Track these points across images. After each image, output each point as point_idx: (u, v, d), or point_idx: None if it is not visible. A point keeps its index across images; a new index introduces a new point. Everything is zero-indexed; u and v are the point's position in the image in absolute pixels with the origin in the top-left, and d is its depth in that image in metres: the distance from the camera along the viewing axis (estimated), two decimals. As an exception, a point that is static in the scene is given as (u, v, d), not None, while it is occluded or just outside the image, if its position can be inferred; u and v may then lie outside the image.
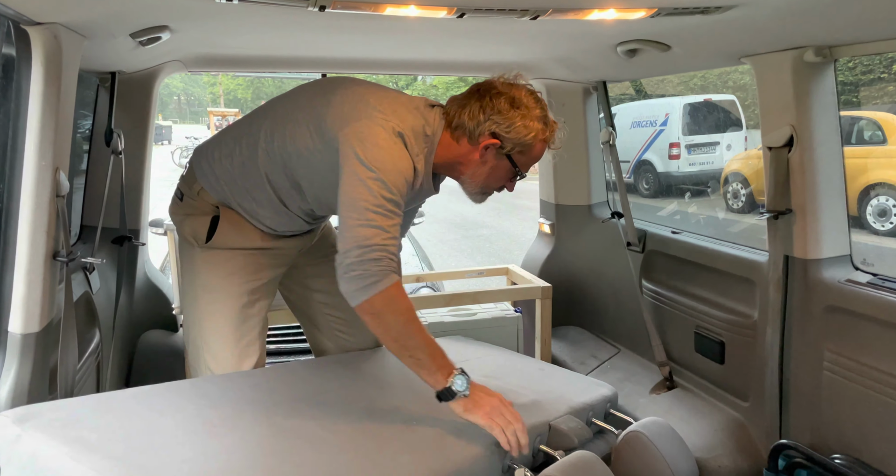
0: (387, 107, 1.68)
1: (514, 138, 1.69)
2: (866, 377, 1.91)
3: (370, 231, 1.53)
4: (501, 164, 1.74)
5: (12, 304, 1.55)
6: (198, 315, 1.91)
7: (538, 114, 1.70)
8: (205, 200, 1.89)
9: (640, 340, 2.94)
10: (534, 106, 1.70)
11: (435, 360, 1.58)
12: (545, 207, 3.59)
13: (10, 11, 1.38)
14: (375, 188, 1.55)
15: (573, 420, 1.85)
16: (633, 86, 12.00)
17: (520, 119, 1.67)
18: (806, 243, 2.07)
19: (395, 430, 1.62)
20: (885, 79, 9.67)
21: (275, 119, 1.79)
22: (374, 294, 1.52)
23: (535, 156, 1.76)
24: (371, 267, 1.52)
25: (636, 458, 1.85)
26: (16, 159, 1.55)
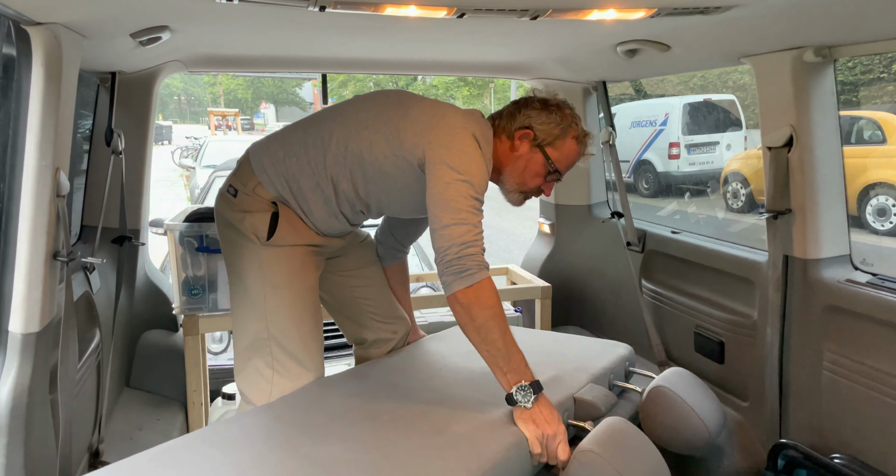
0: (460, 115, 1.82)
1: (545, 129, 1.84)
2: (866, 377, 1.92)
3: (464, 228, 1.67)
4: (535, 158, 1.86)
5: (12, 303, 1.55)
6: (265, 314, 1.91)
7: (569, 113, 1.88)
8: (261, 196, 1.91)
9: (640, 340, 2.94)
10: (565, 108, 1.89)
11: (509, 363, 1.65)
12: (545, 207, 3.59)
13: (10, 11, 1.38)
14: (464, 190, 1.69)
15: (596, 388, 1.90)
16: (633, 86, 12.00)
17: (550, 115, 1.85)
18: (805, 243, 2.07)
19: (425, 437, 1.60)
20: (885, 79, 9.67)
21: (347, 126, 1.88)
22: (468, 286, 1.64)
23: (569, 153, 1.88)
24: (468, 261, 1.65)
25: (664, 413, 1.93)
26: (16, 159, 1.55)
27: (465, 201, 1.68)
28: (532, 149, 1.86)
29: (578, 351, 2.22)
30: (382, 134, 1.82)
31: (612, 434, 1.63)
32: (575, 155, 1.90)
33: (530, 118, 1.85)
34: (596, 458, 1.55)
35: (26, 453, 1.53)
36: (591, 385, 1.92)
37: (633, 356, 2.22)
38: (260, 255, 1.91)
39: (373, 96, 1.96)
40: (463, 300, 1.65)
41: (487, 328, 1.65)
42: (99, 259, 2.10)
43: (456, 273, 1.65)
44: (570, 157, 1.89)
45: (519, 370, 1.65)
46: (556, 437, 1.62)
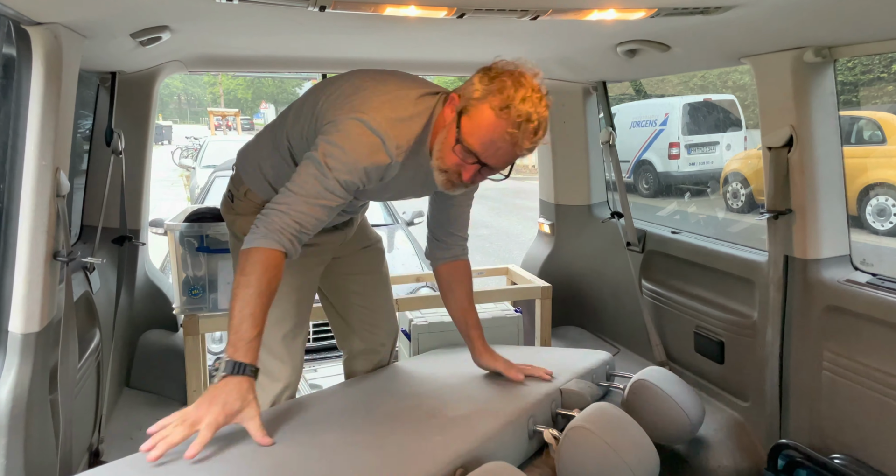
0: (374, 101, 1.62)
1: (467, 92, 1.56)
2: (866, 377, 1.92)
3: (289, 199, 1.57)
4: (451, 128, 1.59)
5: (12, 304, 1.55)
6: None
7: (507, 81, 1.52)
8: (252, 201, 1.93)
9: (640, 340, 2.94)
10: (506, 76, 1.54)
11: (236, 333, 1.51)
12: (545, 207, 3.59)
13: (11, 11, 1.38)
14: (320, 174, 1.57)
15: (581, 382, 1.96)
16: (633, 86, 12.00)
17: (482, 78, 1.55)
18: (805, 243, 2.07)
19: (417, 425, 1.67)
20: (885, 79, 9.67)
21: (294, 115, 1.83)
22: (248, 246, 1.55)
23: (480, 124, 1.53)
24: (260, 223, 1.57)
25: (646, 405, 1.99)
26: (16, 159, 1.55)
27: (304, 179, 1.57)
28: (452, 118, 1.59)
29: (561, 355, 2.28)
30: (306, 118, 1.76)
31: (601, 414, 1.68)
32: (488, 129, 1.52)
33: (469, 87, 1.58)
34: (587, 434, 1.60)
35: (26, 453, 1.53)
36: (576, 379, 1.97)
37: (613, 361, 2.29)
38: None
39: (330, 81, 1.83)
40: (243, 258, 1.56)
41: (234, 294, 1.53)
42: (99, 259, 2.10)
43: (253, 230, 1.57)
44: (481, 130, 1.53)
45: (236, 345, 1.50)
46: (189, 423, 1.43)
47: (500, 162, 1.59)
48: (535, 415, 1.77)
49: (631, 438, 1.66)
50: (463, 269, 2.07)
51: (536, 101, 1.52)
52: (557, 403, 1.88)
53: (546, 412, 1.82)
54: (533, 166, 19.24)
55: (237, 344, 1.50)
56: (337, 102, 1.67)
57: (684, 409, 2.01)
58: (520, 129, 1.50)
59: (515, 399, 1.79)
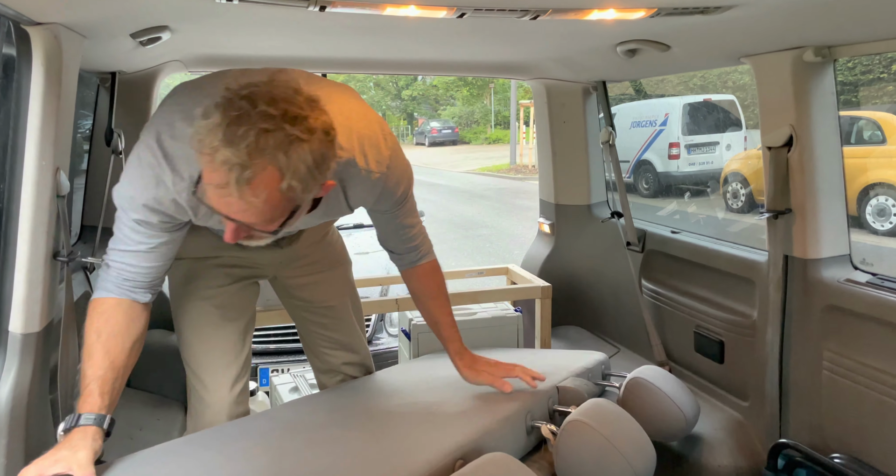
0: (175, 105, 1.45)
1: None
2: (866, 377, 1.92)
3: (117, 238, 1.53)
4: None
5: (12, 304, 1.55)
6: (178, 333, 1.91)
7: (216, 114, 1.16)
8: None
9: (640, 340, 2.94)
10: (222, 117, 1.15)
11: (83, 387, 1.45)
12: (545, 207, 3.59)
13: (10, 11, 1.38)
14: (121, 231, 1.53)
15: (578, 380, 1.97)
16: (633, 86, 12.00)
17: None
18: (805, 243, 2.07)
19: (417, 420, 1.67)
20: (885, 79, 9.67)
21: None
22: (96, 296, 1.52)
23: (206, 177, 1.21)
24: (102, 272, 1.53)
25: (642, 402, 2.01)
26: (16, 159, 1.55)
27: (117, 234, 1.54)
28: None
29: (556, 356, 2.30)
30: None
31: (597, 409, 1.70)
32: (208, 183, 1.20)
33: None
34: (585, 427, 1.62)
35: (26, 453, 1.53)
36: (572, 377, 1.98)
37: (608, 361, 2.30)
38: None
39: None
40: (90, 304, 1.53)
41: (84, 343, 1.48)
42: (99, 259, 2.10)
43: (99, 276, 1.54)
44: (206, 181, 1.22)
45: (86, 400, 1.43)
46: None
47: (245, 217, 1.23)
48: (533, 411, 1.78)
49: (628, 432, 1.68)
50: (422, 271, 1.87)
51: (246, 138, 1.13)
52: (554, 401, 1.89)
53: (543, 409, 1.83)
54: (533, 166, 19.26)
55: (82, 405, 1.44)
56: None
57: (679, 405, 2.03)
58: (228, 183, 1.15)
59: (513, 396, 1.80)
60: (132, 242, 1.50)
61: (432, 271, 1.88)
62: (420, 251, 1.85)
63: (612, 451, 1.59)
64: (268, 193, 1.17)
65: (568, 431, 1.63)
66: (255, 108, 1.14)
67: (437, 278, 1.89)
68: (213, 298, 1.87)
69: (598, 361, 2.22)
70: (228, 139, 1.12)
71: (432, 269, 1.89)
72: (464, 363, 1.83)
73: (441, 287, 1.89)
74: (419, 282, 1.88)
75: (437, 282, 1.88)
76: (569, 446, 1.63)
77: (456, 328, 1.88)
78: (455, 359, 1.84)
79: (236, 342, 1.89)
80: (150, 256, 1.53)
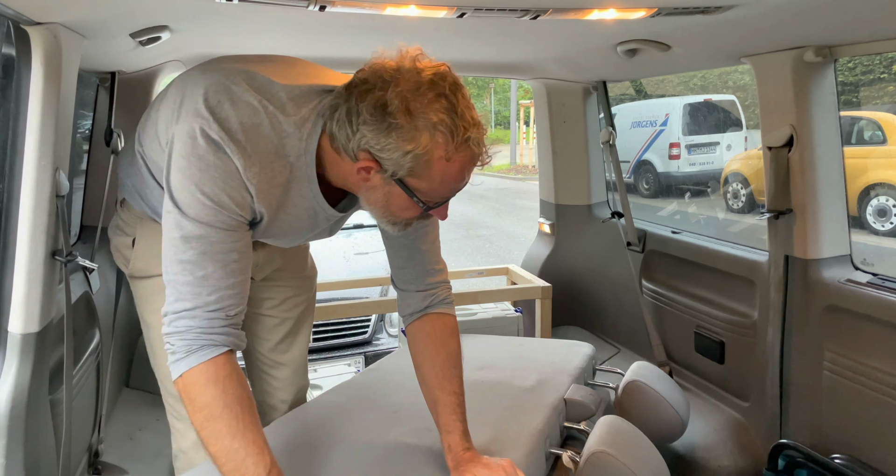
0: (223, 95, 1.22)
1: (393, 160, 1.16)
2: (866, 377, 1.91)
3: (171, 292, 1.20)
4: (395, 192, 1.22)
5: (12, 304, 1.55)
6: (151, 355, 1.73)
7: (430, 119, 1.13)
8: (130, 213, 1.65)
9: (640, 340, 2.93)
10: (412, 110, 1.13)
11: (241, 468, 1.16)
12: (545, 207, 3.59)
13: (10, 11, 1.38)
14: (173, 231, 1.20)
15: (582, 389, 1.94)
16: (633, 86, 12.00)
17: (391, 134, 1.14)
18: (806, 243, 2.07)
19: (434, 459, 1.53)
20: (885, 79, 9.67)
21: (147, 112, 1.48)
22: (176, 377, 1.20)
23: (443, 178, 1.19)
24: (174, 341, 1.19)
25: (640, 405, 2.03)
26: (16, 159, 1.54)
27: (173, 250, 1.18)
28: (385, 181, 1.21)
29: (547, 352, 2.24)
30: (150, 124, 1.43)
31: (617, 434, 1.66)
32: (455, 176, 1.19)
33: (366, 138, 1.16)
34: (610, 459, 1.57)
35: (26, 453, 1.53)
36: (574, 386, 1.95)
37: (596, 354, 2.29)
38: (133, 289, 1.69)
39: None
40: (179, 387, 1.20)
41: (202, 439, 1.18)
42: (95, 265, 2.09)
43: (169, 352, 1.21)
44: (447, 182, 1.20)
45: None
46: None
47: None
48: (550, 434, 1.73)
49: (648, 459, 1.66)
50: (440, 327, 1.50)
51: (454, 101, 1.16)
52: (563, 416, 1.84)
53: (555, 427, 1.78)
54: (533, 166, 19.26)
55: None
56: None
57: (676, 408, 2.05)
58: (471, 150, 1.18)
59: (527, 418, 1.72)
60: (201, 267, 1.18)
61: (450, 329, 1.51)
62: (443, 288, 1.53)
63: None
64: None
65: (592, 463, 1.57)
66: (441, 84, 1.17)
67: (454, 342, 1.50)
68: None
69: (589, 357, 2.19)
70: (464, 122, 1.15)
71: (449, 327, 1.51)
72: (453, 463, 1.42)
73: (456, 355, 1.50)
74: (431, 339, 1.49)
75: (451, 347, 1.49)
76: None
77: (460, 415, 1.45)
78: (447, 455, 1.44)
79: None
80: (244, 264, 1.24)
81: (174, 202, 1.19)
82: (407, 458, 1.50)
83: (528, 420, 1.71)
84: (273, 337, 1.86)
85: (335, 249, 4.36)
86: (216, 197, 1.18)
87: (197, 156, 1.18)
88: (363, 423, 1.69)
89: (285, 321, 1.87)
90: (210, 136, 1.18)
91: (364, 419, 1.71)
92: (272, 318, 1.85)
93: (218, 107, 1.20)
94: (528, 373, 2.00)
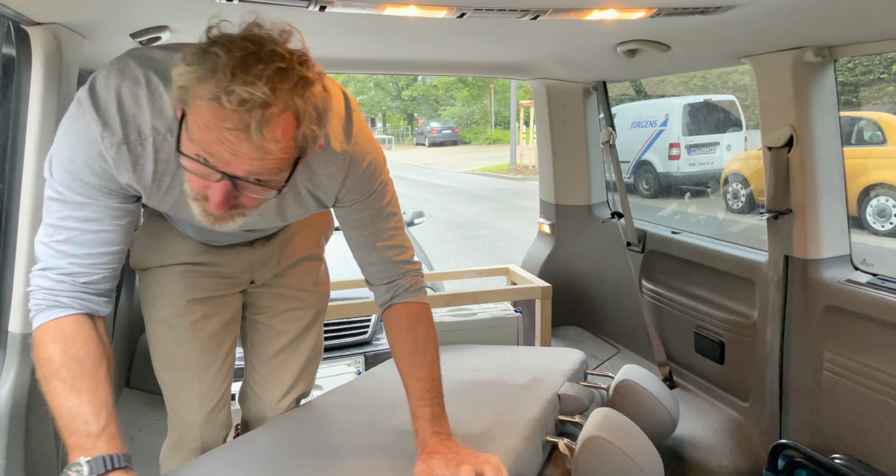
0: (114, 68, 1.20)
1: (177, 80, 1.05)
2: (866, 377, 1.91)
3: (35, 249, 1.22)
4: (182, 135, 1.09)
5: (12, 303, 1.55)
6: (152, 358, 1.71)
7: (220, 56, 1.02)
8: None
9: (640, 340, 2.94)
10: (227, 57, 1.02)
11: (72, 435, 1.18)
12: (545, 207, 3.59)
13: (10, 11, 1.38)
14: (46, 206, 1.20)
15: (575, 386, 1.97)
16: (633, 86, 12.00)
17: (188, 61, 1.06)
18: (806, 243, 2.07)
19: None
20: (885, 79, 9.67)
21: None
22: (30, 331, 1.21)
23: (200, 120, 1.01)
24: (31, 297, 1.21)
25: (632, 405, 2.06)
26: (16, 159, 1.55)
27: (44, 210, 1.19)
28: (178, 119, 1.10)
29: (540, 357, 2.27)
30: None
31: (610, 422, 1.70)
32: (211, 127, 1.00)
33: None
34: (605, 444, 1.62)
35: (26, 453, 1.53)
36: (568, 383, 1.98)
37: (586, 360, 2.31)
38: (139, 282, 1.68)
39: None
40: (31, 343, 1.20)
41: (45, 390, 1.17)
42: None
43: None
44: (203, 130, 1.01)
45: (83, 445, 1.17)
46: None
47: (251, 170, 1.04)
48: (546, 423, 1.76)
49: (641, 445, 1.70)
50: (405, 315, 1.46)
51: (266, 77, 1.01)
52: (558, 409, 1.88)
53: (550, 419, 1.80)
54: (533, 167, 19.26)
55: (84, 444, 1.16)
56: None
57: (666, 406, 2.08)
58: (248, 122, 0.99)
59: (526, 410, 1.75)
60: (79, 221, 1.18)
61: (414, 317, 1.46)
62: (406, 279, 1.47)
63: (632, 467, 1.61)
64: (285, 139, 1.03)
65: (587, 448, 1.63)
66: (263, 47, 1.04)
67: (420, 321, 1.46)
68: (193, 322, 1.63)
69: (580, 362, 2.20)
70: (243, 78, 0.98)
71: (414, 314, 1.46)
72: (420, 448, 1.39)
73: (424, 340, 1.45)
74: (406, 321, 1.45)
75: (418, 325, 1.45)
76: (589, 462, 1.62)
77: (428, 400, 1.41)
78: (416, 440, 1.41)
79: (213, 379, 1.68)
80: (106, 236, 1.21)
81: (48, 163, 1.19)
82: (407, 458, 1.50)
83: (524, 410, 1.75)
84: (267, 349, 1.79)
85: (335, 249, 4.36)
86: (72, 163, 1.15)
87: (66, 121, 1.17)
88: (363, 424, 1.69)
89: (283, 334, 1.78)
90: (81, 102, 1.15)
91: (364, 419, 1.72)
92: (269, 329, 1.78)
93: (104, 76, 1.19)
94: (522, 373, 2.02)
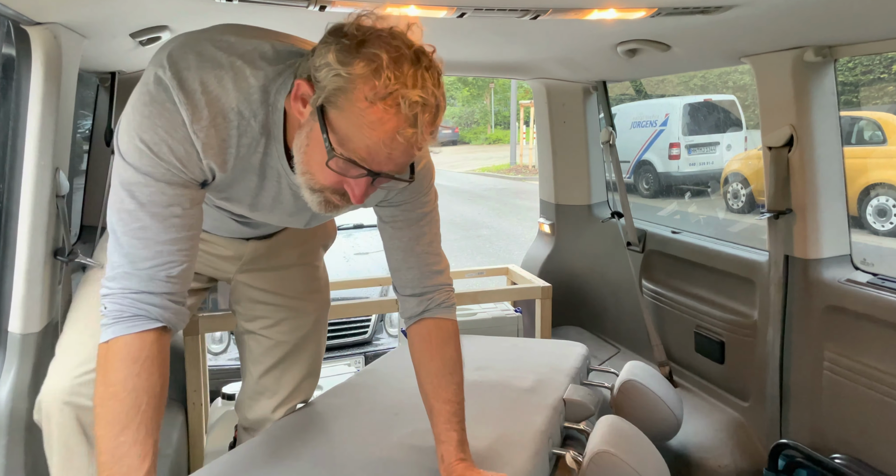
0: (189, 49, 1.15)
1: (321, 77, 1.04)
2: (866, 377, 1.91)
3: (110, 245, 1.16)
4: (315, 134, 1.08)
5: (12, 303, 1.55)
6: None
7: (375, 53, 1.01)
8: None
9: (640, 340, 2.94)
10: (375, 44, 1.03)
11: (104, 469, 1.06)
12: (545, 207, 3.59)
13: (10, 11, 1.38)
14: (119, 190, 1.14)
15: (580, 389, 1.94)
16: (633, 86, 12.00)
17: (334, 51, 1.04)
18: (806, 243, 2.07)
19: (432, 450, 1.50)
20: (885, 79, 9.67)
21: None
22: (101, 342, 1.12)
23: (359, 122, 1.02)
24: (107, 304, 1.13)
25: (636, 405, 2.04)
26: (16, 159, 1.55)
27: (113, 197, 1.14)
28: (312, 117, 1.08)
29: (542, 352, 2.24)
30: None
31: (618, 434, 1.66)
32: (373, 126, 1.01)
33: (312, 59, 1.07)
34: (613, 459, 1.57)
35: (26, 453, 1.53)
36: (573, 386, 1.95)
37: (589, 354, 2.30)
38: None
39: None
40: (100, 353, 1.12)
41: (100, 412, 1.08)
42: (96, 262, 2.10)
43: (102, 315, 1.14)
44: (363, 129, 1.02)
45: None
46: None
47: (397, 166, 1.09)
48: (552, 435, 1.73)
49: (647, 456, 1.67)
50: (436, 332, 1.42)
51: (428, 78, 1.04)
52: (563, 415, 1.85)
53: (556, 427, 1.78)
54: (533, 167, 19.26)
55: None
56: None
57: (671, 407, 2.06)
58: (416, 123, 1.01)
59: (529, 418, 1.71)
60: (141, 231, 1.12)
61: (446, 335, 1.43)
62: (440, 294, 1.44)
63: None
64: (433, 135, 1.07)
65: (596, 463, 1.58)
66: (410, 46, 1.04)
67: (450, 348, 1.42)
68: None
69: (584, 357, 2.19)
70: (411, 79, 1.01)
71: (445, 332, 1.43)
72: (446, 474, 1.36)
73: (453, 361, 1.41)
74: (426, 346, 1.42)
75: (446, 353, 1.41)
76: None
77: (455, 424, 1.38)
78: (440, 465, 1.38)
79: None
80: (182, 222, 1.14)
81: (118, 148, 1.13)
82: (408, 459, 1.50)
83: (530, 421, 1.71)
84: (265, 360, 1.77)
85: (335, 249, 4.36)
86: (156, 146, 1.10)
87: (143, 102, 1.11)
88: (363, 425, 1.68)
89: (280, 344, 1.76)
90: (162, 82, 1.10)
91: (364, 421, 1.71)
92: (266, 340, 1.76)
93: (181, 58, 1.13)
94: (526, 373, 2.00)
